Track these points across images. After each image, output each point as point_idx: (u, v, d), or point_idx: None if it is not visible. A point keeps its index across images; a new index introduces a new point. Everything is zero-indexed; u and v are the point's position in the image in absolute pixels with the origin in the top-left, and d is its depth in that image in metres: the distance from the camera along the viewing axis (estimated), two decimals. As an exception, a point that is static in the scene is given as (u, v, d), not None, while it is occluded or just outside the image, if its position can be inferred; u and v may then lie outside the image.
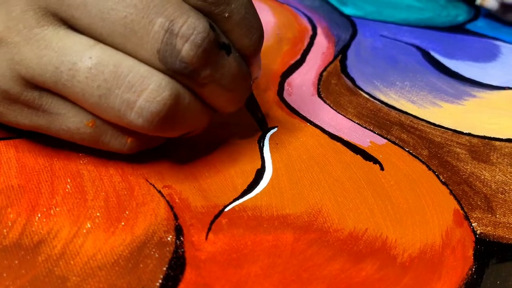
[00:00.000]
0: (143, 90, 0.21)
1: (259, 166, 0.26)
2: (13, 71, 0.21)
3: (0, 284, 0.19)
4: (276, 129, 0.29)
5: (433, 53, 0.40)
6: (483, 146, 0.30)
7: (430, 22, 0.45)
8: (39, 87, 0.22)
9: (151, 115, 0.21)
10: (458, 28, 0.45)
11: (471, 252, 0.23)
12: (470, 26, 0.45)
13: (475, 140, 0.30)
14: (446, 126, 0.31)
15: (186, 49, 0.21)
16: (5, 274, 0.19)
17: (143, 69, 0.21)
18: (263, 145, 0.28)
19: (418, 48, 0.40)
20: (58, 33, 0.21)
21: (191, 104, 0.22)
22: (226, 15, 0.22)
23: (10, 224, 0.21)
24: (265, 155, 0.27)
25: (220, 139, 0.27)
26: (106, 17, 0.20)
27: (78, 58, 0.21)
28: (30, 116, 0.23)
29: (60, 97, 0.22)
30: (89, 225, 0.21)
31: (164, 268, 0.20)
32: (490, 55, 0.41)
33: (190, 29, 0.20)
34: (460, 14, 0.48)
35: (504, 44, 0.43)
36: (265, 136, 0.28)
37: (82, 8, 0.20)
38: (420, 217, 0.24)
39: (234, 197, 0.24)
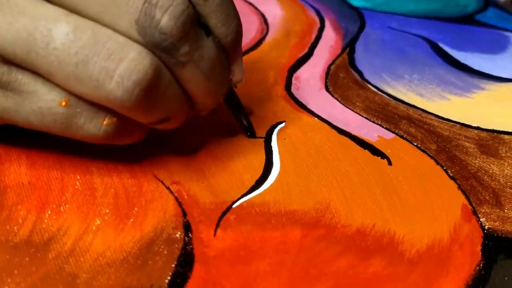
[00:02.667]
0: (123, 58, 0.20)
1: (266, 162, 0.26)
2: None
3: (12, 282, 0.19)
4: (283, 124, 0.29)
5: (441, 45, 0.40)
6: (491, 140, 0.30)
7: (438, 13, 0.45)
8: (7, 61, 0.20)
9: (132, 84, 0.20)
10: (467, 19, 0.44)
11: (479, 248, 0.23)
12: (479, 17, 0.45)
13: (483, 134, 0.30)
14: (454, 119, 0.31)
15: (165, 20, 0.20)
16: (16, 271, 0.19)
17: (122, 38, 0.20)
18: (270, 140, 0.28)
19: (427, 40, 0.40)
20: (32, 1, 0.20)
21: (171, 83, 0.22)
22: None
23: (20, 221, 0.21)
24: (273, 150, 0.27)
25: (227, 135, 0.27)
26: None
27: (54, 24, 0.20)
28: None
29: (31, 73, 0.21)
30: (98, 222, 0.22)
31: (173, 265, 0.20)
32: (499, 47, 0.40)
33: (169, 0, 0.20)
34: (469, 4, 0.47)
35: (513, 35, 0.42)
36: (273, 131, 0.28)
37: None
38: (428, 213, 0.24)
39: (242, 193, 0.24)
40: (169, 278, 0.20)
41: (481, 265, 0.22)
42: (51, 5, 0.20)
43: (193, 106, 0.24)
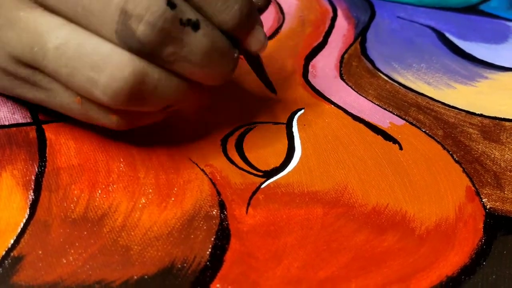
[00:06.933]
0: (105, 69, 0.21)
1: (289, 146, 0.29)
2: (5, 51, 0.23)
3: (75, 252, 0.22)
4: (303, 111, 0.32)
5: (447, 35, 0.42)
6: (493, 127, 0.32)
7: (445, 2, 0.47)
8: (29, 65, 0.23)
9: (115, 92, 0.22)
10: (471, 9, 0.46)
11: (481, 225, 0.25)
12: (483, 7, 0.47)
13: (486, 121, 0.33)
14: (459, 107, 0.34)
15: (141, 30, 0.21)
16: (77, 243, 0.22)
17: (106, 47, 0.22)
18: (291, 126, 0.30)
19: (434, 29, 0.42)
20: (34, 14, 0.22)
21: (162, 79, 0.23)
22: None
23: (75, 200, 0.24)
24: (294, 135, 0.29)
25: (253, 123, 0.30)
26: None
27: (48, 38, 0.22)
28: (32, 91, 0.25)
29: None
30: (143, 201, 0.24)
31: (212, 239, 0.23)
32: (502, 36, 0.43)
33: (143, 9, 0.21)
34: (474, -6, 0.49)
35: (516, 25, 0.44)
36: (293, 117, 0.31)
37: None
38: (436, 193, 0.27)
39: (269, 175, 0.27)
40: (209, 250, 0.23)
41: (483, 240, 0.25)
42: (51, 16, 0.22)
43: (202, 86, 0.25)
